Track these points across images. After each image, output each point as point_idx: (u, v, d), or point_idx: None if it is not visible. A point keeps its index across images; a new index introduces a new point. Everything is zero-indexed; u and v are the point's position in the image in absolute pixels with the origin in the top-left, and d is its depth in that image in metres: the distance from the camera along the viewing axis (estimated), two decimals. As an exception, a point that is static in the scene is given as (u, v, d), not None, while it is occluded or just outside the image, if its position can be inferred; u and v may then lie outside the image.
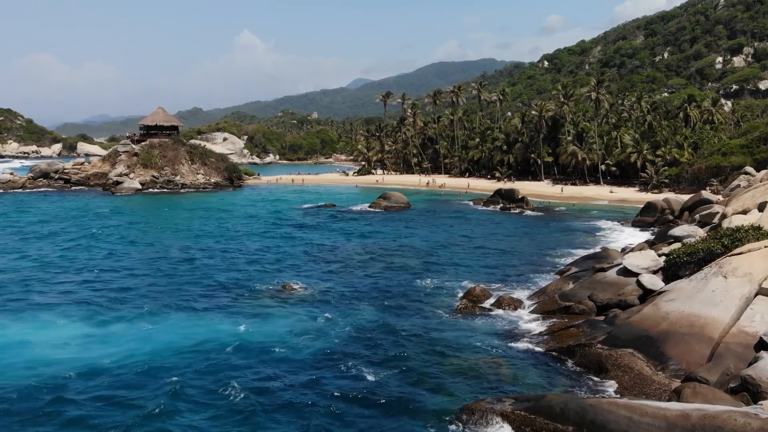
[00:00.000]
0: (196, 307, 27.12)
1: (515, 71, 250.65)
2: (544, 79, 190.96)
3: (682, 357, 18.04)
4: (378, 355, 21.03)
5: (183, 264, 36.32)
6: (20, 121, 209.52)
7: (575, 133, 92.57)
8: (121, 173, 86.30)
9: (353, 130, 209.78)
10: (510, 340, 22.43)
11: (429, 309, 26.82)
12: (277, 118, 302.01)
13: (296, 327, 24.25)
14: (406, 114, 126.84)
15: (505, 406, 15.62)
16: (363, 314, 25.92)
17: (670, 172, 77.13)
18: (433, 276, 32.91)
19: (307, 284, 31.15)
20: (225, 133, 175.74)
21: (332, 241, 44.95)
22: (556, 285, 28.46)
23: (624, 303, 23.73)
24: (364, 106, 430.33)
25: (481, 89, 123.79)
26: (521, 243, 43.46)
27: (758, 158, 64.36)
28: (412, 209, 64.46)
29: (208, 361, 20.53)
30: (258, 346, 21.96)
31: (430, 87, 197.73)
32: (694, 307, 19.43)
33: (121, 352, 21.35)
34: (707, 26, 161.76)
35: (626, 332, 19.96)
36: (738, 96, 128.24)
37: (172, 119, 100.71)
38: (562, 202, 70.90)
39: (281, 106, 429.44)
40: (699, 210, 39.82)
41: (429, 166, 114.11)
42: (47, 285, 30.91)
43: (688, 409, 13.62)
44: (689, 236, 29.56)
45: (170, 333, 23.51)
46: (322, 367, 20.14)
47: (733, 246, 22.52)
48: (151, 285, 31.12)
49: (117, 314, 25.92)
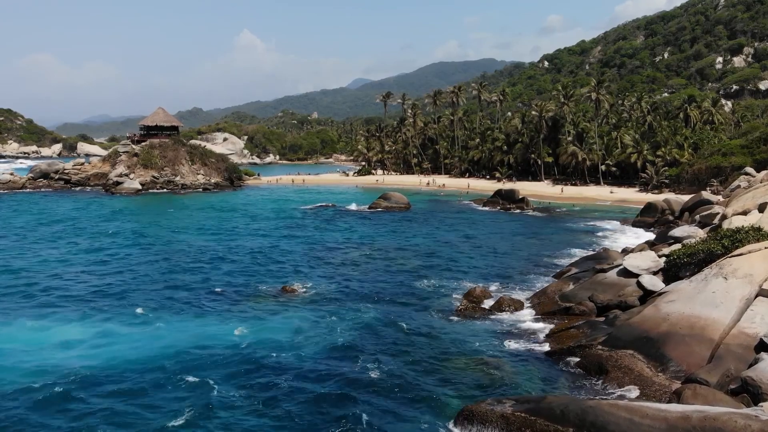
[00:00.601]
0: (197, 308, 27.11)
1: (515, 71, 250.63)
2: (545, 79, 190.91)
3: (682, 358, 18.04)
4: (378, 356, 21.02)
5: (183, 265, 36.29)
6: (20, 122, 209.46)
7: (575, 133, 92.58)
8: (121, 173, 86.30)
9: (353, 130, 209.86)
10: (510, 341, 22.44)
11: (429, 310, 26.81)
12: (277, 118, 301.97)
13: (296, 328, 24.24)
14: (406, 114, 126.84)
15: (506, 408, 15.60)
16: (363, 315, 25.91)
17: (670, 173, 77.14)
18: (433, 277, 32.91)
19: (308, 285, 31.15)
20: (225, 133, 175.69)
21: (332, 241, 44.94)
22: (556, 286, 28.45)
23: (624, 304, 23.74)
24: (364, 106, 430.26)
25: (481, 89, 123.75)
26: (521, 244, 43.46)
27: (758, 159, 64.39)
28: (412, 210, 64.46)
29: (210, 362, 20.53)
30: (258, 347, 21.94)
31: (430, 87, 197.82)
32: (694, 308, 19.43)
33: (121, 353, 21.36)
34: (707, 26, 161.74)
35: (627, 333, 19.96)
36: (738, 96, 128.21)
37: (172, 119, 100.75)
38: (563, 203, 70.90)
39: (281, 106, 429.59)
40: (699, 211, 39.81)
41: (429, 167, 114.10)
42: (47, 285, 30.86)
43: (688, 411, 13.62)
44: (689, 237, 29.54)
45: (171, 334, 23.51)
46: (322, 367, 20.13)
47: (734, 247, 22.51)
48: (151, 286, 31.11)
49: (117, 316, 25.92)
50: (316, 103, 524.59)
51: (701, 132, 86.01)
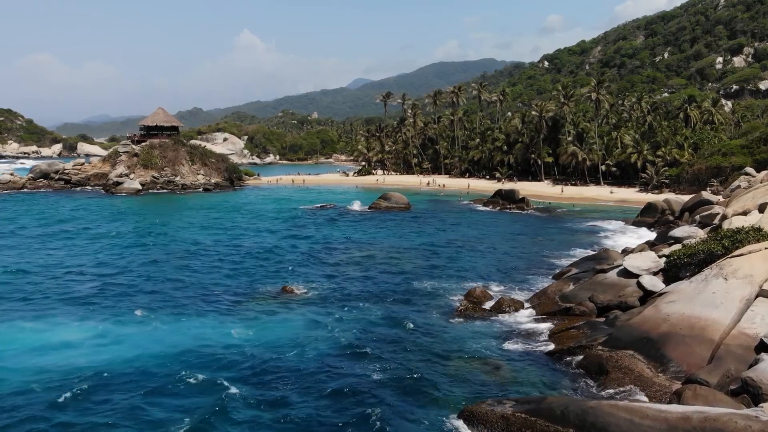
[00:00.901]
0: (197, 309, 27.08)
1: (515, 71, 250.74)
2: (545, 79, 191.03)
3: (682, 359, 18.04)
4: (378, 356, 21.02)
5: (183, 265, 36.29)
6: (20, 122, 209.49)
7: (575, 133, 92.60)
8: (121, 174, 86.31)
9: (353, 130, 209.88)
10: (510, 342, 22.44)
11: (429, 310, 26.81)
12: (277, 119, 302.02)
13: (297, 328, 24.25)
14: (406, 114, 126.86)
15: (506, 409, 15.61)
16: (363, 315, 25.91)
17: (670, 173, 77.16)
18: (434, 277, 32.90)
19: (308, 285, 31.15)
20: (225, 133, 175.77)
21: (332, 241, 44.94)
22: (556, 286, 28.44)
23: (624, 304, 23.73)
24: (364, 106, 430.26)
25: (481, 89, 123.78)
26: (521, 244, 43.47)
27: (758, 159, 64.41)
28: (412, 210, 64.46)
29: (211, 362, 20.54)
30: (258, 348, 21.93)
31: (431, 87, 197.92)
32: (694, 308, 19.43)
33: (122, 353, 21.34)
34: (707, 26, 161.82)
35: (627, 334, 19.95)
36: (738, 96, 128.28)
37: (172, 119, 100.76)
38: (563, 203, 70.92)
39: (281, 106, 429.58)
40: (699, 211, 39.81)
41: (429, 167, 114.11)
42: (47, 286, 30.84)
43: (688, 412, 13.63)
44: (689, 237, 29.54)
45: (171, 335, 23.49)
46: (322, 368, 20.12)
47: (734, 247, 22.51)
48: (150, 286, 31.07)
49: (117, 316, 25.87)
50: (316, 103, 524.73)
51: (701, 132, 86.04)
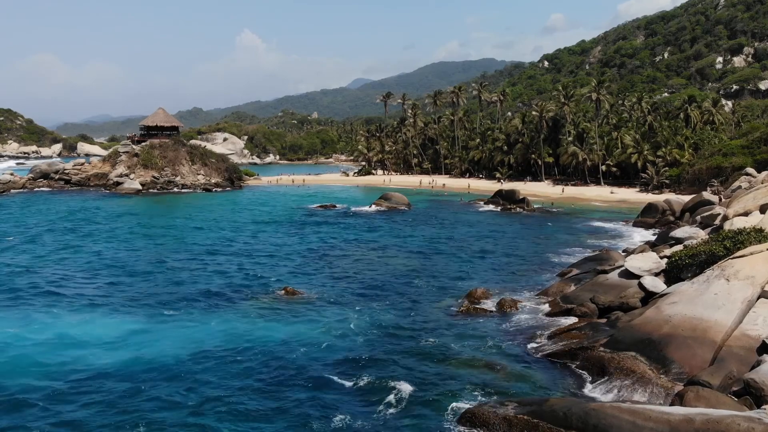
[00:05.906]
0: (197, 310, 27.05)
1: (515, 71, 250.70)
2: (545, 79, 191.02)
3: (684, 360, 18.00)
4: (379, 357, 20.99)
5: (182, 265, 36.24)
6: (20, 122, 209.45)
7: (576, 133, 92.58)
8: (121, 174, 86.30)
9: (354, 130, 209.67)
10: (512, 343, 22.40)
11: (430, 311, 26.79)
12: (277, 118, 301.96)
13: (297, 329, 24.22)
14: (406, 114, 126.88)
15: (508, 410, 15.59)
16: (363, 316, 25.89)
17: (670, 173, 77.13)
18: (434, 277, 32.88)
19: (308, 286, 31.12)
20: (225, 133, 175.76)
21: (333, 242, 44.91)
22: (557, 287, 28.44)
23: (626, 305, 23.71)
24: (364, 106, 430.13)
25: (481, 89, 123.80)
26: (522, 244, 43.44)
27: (759, 159, 64.33)
28: (412, 210, 64.45)
29: (211, 363, 20.53)
30: (259, 348, 21.93)
31: (431, 87, 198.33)
32: (696, 310, 19.39)
33: (123, 354, 21.34)
34: (707, 26, 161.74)
35: (628, 335, 19.92)
36: (738, 96, 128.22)
37: (172, 120, 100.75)
38: (563, 203, 70.92)
39: (281, 106, 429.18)
40: (700, 211, 39.77)
41: (429, 167, 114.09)
42: (48, 288, 30.81)
43: (691, 414, 13.60)
44: (690, 238, 29.52)
45: (171, 335, 23.49)
46: (323, 368, 20.10)
47: (735, 248, 22.47)
48: (150, 287, 31.06)
49: (118, 317, 25.89)
50: (316, 102, 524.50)
51: (702, 132, 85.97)
